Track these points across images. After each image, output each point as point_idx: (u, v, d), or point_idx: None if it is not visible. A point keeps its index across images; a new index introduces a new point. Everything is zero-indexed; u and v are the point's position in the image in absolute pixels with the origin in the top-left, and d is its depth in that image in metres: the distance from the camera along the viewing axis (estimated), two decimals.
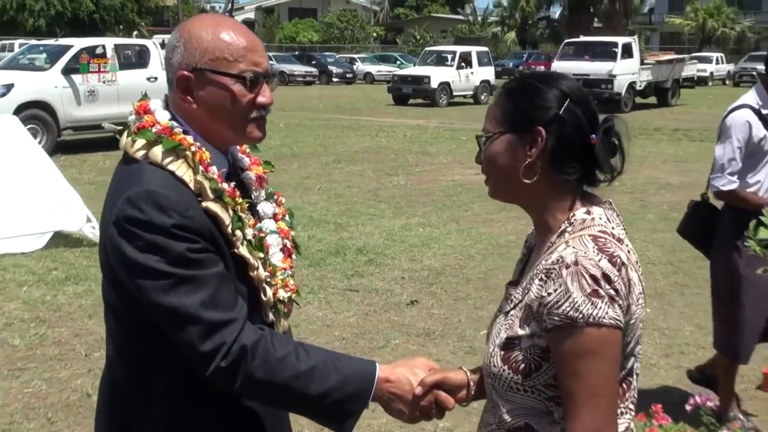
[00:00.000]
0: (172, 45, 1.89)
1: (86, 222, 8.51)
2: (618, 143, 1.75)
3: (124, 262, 1.77)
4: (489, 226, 9.62)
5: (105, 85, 16.13)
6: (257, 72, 1.87)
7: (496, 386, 1.75)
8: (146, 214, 1.73)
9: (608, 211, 1.75)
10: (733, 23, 61.84)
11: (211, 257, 1.79)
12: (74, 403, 4.88)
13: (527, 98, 1.73)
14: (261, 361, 1.75)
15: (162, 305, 1.74)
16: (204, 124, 1.90)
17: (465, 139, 18.72)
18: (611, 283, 1.59)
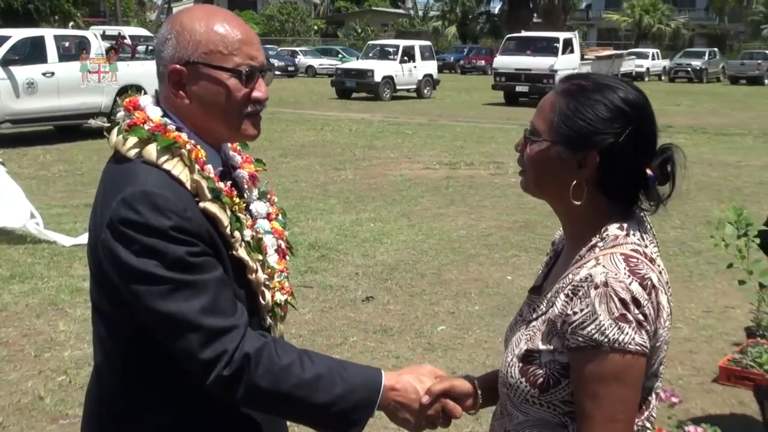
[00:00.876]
0: (163, 37, 1.79)
1: (30, 218, 8.28)
2: (671, 172, 1.69)
3: (119, 266, 1.68)
4: (440, 221, 9.62)
5: (45, 77, 15.72)
6: (253, 66, 1.78)
7: (512, 397, 1.70)
8: (143, 215, 1.65)
9: (642, 225, 1.69)
10: (668, 20, 63.09)
11: (210, 261, 1.71)
12: (26, 406, 4.72)
13: (586, 114, 1.63)
14: (265, 369, 1.68)
15: (160, 312, 1.66)
16: (197, 120, 1.81)
17: (410, 133, 18.76)
18: (640, 307, 1.54)
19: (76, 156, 14.50)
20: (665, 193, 1.70)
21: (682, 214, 9.71)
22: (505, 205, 10.59)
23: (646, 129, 1.67)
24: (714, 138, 18.61)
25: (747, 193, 11.46)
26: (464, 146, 16.65)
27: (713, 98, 32.95)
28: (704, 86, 43.81)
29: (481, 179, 12.71)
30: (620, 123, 1.62)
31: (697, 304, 6.68)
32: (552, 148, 1.66)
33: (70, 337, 5.75)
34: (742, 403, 4.84)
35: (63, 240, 8.16)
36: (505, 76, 28.90)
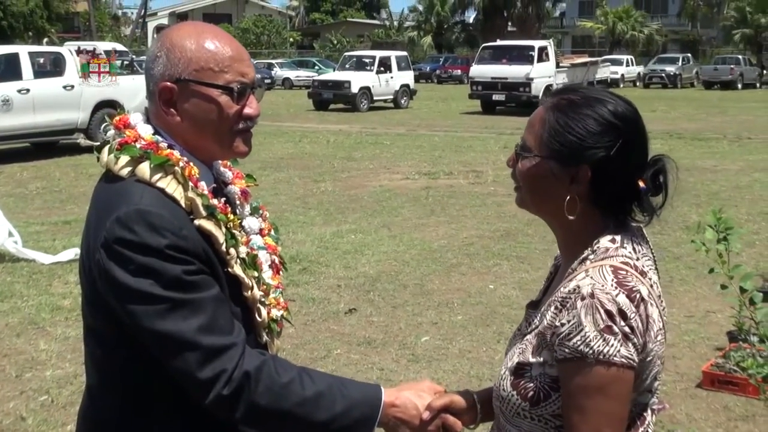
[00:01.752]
0: (153, 54, 1.79)
1: (8, 236, 8.20)
2: (663, 183, 1.69)
3: (114, 286, 1.66)
4: (421, 231, 9.63)
5: (20, 94, 15.61)
6: (244, 83, 1.78)
7: (504, 410, 1.69)
8: (138, 235, 1.63)
9: (636, 238, 1.69)
10: (641, 26, 63.57)
11: (206, 279, 1.70)
12: (8, 427, 4.67)
13: (577, 129, 1.63)
14: (265, 387, 1.67)
15: (157, 332, 1.64)
16: (188, 137, 1.80)
17: (388, 143, 18.77)
18: (627, 319, 1.53)
19: (54, 173, 14.40)
20: (658, 203, 1.69)
21: (661, 219, 9.57)
22: (485, 214, 10.62)
23: (637, 141, 1.67)
24: (690, 143, 18.75)
25: (724, 198, 11.55)
26: (443, 156, 16.68)
27: (688, 103, 33.23)
28: (679, 92, 44.17)
29: (460, 188, 12.74)
30: (611, 136, 1.62)
31: (679, 309, 6.71)
32: (544, 164, 1.66)
33: (52, 356, 5.69)
34: (726, 407, 4.86)
35: (42, 258, 8.09)
36: (481, 85, 29.02)
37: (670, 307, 6.64)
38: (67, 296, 7.04)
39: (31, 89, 15.79)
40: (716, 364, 5.21)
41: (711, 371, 5.15)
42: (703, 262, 3.02)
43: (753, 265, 7.52)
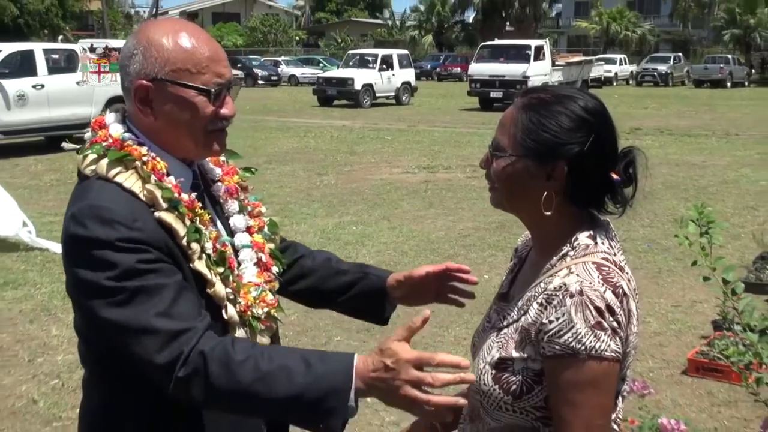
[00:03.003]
0: (129, 52, 1.71)
1: (22, 226, 8.21)
2: (633, 174, 1.67)
3: (74, 282, 1.63)
4: (419, 223, 9.62)
5: (35, 89, 15.61)
6: (221, 84, 1.72)
7: (485, 403, 1.67)
8: (89, 230, 1.59)
9: (608, 232, 1.68)
10: (634, 27, 63.41)
11: (166, 267, 1.63)
12: (20, 409, 4.68)
13: (551, 126, 1.61)
14: (220, 365, 1.55)
15: (115, 321, 1.58)
16: (163, 136, 1.74)
17: (390, 138, 18.76)
18: (614, 315, 1.53)
19: (67, 165, 14.38)
20: (629, 194, 1.68)
21: (651, 213, 9.76)
22: (482, 206, 10.60)
23: (608, 135, 1.65)
24: (680, 139, 18.72)
25: (712, 192, 11.53)
26: (442, 151, 16.66)
27: (679, 101, 33.15)
28: (670, 90, 44.06)
29: (458, 182, 12.73)
30: (583, 132, 1.61)
31: (666, 299, 6.71)
32: (519, 163, 1.64)
33: (63, 341, 5.70)
34: (710, 393, 4.87)
35: (55, 247, 8.09)
36: (479, 83, 28.96)
37: (658, 296, 6.68)
38: None
39: (45, 85, 15.82)
40: (701, 352, 5.22)
41: (696, 359, 5.16)
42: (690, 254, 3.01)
43: (738, 257, 7.52)
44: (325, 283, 2.10)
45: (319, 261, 2.14)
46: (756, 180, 12.76)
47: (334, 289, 2.09)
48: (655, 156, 14.67)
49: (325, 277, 2.11)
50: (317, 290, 2.10)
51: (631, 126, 20.01)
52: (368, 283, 2.08)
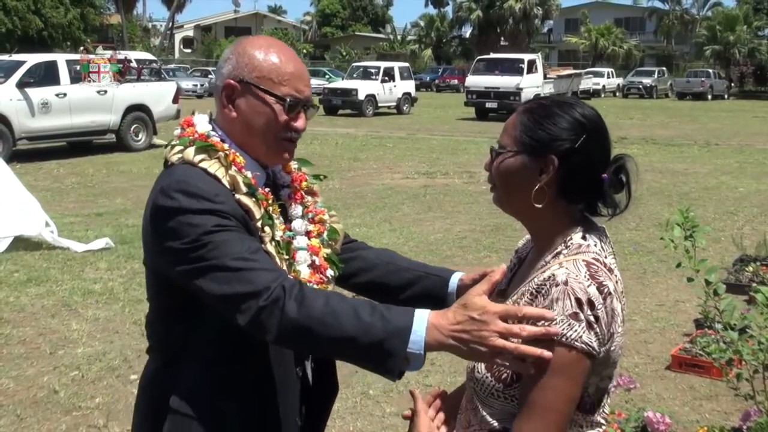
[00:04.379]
0: (226, 56, 1.85)
1: (45, 226, 8.19)
2: (626, 181, 1.67)
3: (160, 249, 1.71)
4: (419, 226, 9.60)
5: (58, 98, 15.61)
6: (297, 98, 1.81)
7: (478, 391, 1.66)
8: (176, 201, 1.67)
9: (602, 237, 1.67)
10: (621, 42, 63.51)
11: (245, 233, 1.70)
12: (42, 399, 4.66)
13: (547, 125, 1.63)
14: (295, 299, 1.58)
15: (204, 267, 1.64)
16: (240, 135, 1.83)
17: (391, 146, 18.74)
18: (593, 309, 1.51)
19: (87, 169, 14.38)
20: (621, 201, 1.67)
21: (636, 217, 9.73)
22: (478, 210, 10.59)
23: (600, 139, 1.65)
24: (663, 148, 18.70)
25: (694, 198, 11.51)
26: (440, 157, 16.64)
27: (662, 112, 33.14)
28: (654, 102, 44.04)
29: (455, 187, 12.70)
30: (576, 132, 1.62)
31: (651, 298, 6.69)
32: (516, 158, 1.65)
33: (83, 335, 5.69)
34: (692, 388, 4.84)
35: (75, 246, 8.09)
36: (476, 94, 28.96)
37: (643, 296, 6.66)
38: (97, 281, 7.03)
39: (68, 93, 15.81)
40: (684, 349, 5.20)
41: (679, 355, 5.14)
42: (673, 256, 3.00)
43: (719, 259, 7.50)
44: (386, 279, 2.08)
45: (382, 257, 2.14)
46: (735, 187, 12.74)
47: (395, 285, 2.06)
48: (641, 164, 14.41)
49: (387, 272, 2.09)
50: (378, 284, 2.08)
51: (617, 135, 19.98)
52: (430, 282, 2.06)
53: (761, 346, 3.12)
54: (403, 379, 1.67)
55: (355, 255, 2.11)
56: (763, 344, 3.12)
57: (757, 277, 6.49)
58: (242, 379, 1.80)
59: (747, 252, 7.62)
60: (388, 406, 4.50)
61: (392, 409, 4.47)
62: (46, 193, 11.26)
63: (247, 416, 1.81)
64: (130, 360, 5.22)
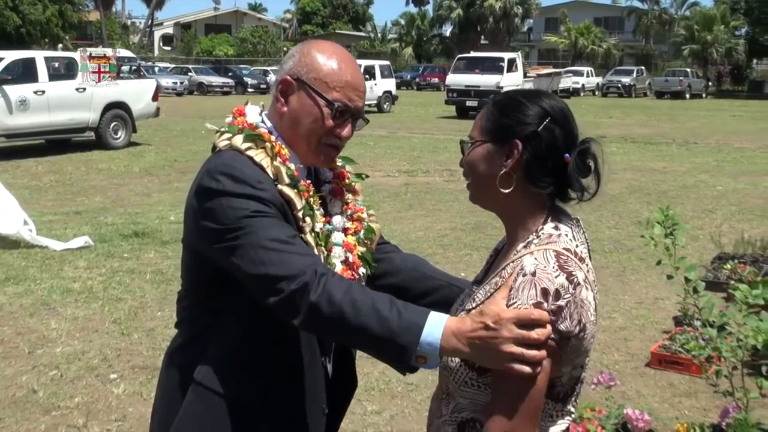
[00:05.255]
0: (291, 53, 1.91)
1: (23, 225, 8.11)
2: (594, 165, 1.67)
3: (199, 228, 1.76)
4: (400, 224, 9.60)
5: (36, 95, 15.46)
6: (347, 106, 1.85)
7: (451, 380, 1.67)
8: (222, 183, 1.72)
9: (575, 228, 1.68)
10: (600, 41, 63.88)
11: (283, 221, 1.75)
12: (20, 399, 4.61)
13: (511, 112, 1.65)
14: (323, 286, 1.62)
15: (242, 249, 1.68)
16: (287, 130, 1.88)
17: (372, 144, 18.73)
18: (558, 299, 1.52)
19: (66, 167, 14.26)
20: (591, 186, 1.67)
21: (616, 215, 9.79)
22: (458, 209, 10.61)
23: (566, 124, 1.66)
24: (642, 147, 18.82)
25: (672, 196, 11.59)
26: (421, 156, 16.66)
27: (641, 111, 33.36)
28: (633, 100, 44.34)
29: (436, 185, 12.72)
30: (540, 116, 1.63)
31: (630, 296, 6.73)
32: (483, 147, 1.68)
33: (62, 334, 5.64)
34: (671, 384, 4.87)
35: (54, 245, 8.01)
36: (456, 92, 29.01)
37: (623, 294, 6.70)
38: (76, 280, 6.97)
39: (46, 91, 15.64)
40: (663, 346, 5.23)
41: (659, 352, 5.17)
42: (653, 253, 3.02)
43: (697, 257, 7.56)
44: (409, 284, 2.10)
45: (408, 263, 2.16)
46: (713, 185, 12.85)
47: (417, 292, 2.07)
48: (620, 162, 14.73)
49: (411, 278, 2.11)
50: (401, 289, 2.08)
51: (597, 134, 19.54)
52: (451, 293, 2.05)
53: (740, 343, 3.14)
54: (384, 377, 1.66)
55: (384, 257, 2.12)
56: (741, 341, 3.14)
57: (735, 275, 6.53)
58: (267, 360, 1.84)
59: (725, 250, 7.69)
60: (369, 405, 4.49)
61: (373, 407, 4.46)
62: (24, 191, 11.15)
63: (269, 397, 1.85)
64: (110, 359, 5.18)
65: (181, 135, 20.04)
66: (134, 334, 5.67)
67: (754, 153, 17.74)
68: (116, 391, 4.71)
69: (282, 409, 1.87)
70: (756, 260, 7.16)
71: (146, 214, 9.95)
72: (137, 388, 4.73)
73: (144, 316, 6.05)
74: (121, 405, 4.53)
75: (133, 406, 4.51)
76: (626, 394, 4.70)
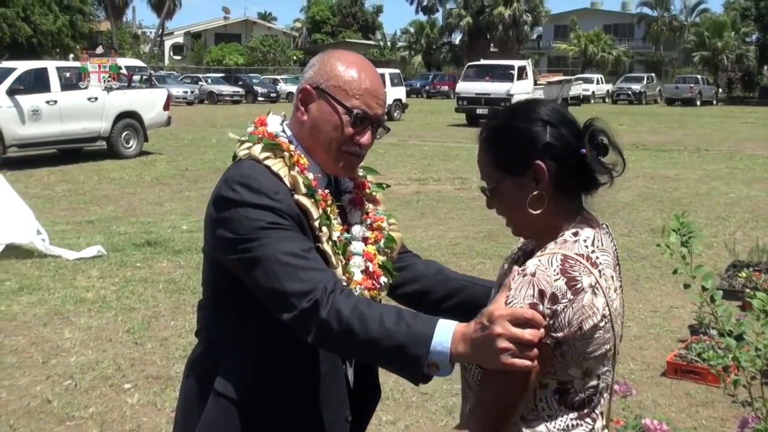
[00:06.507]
0: (311, 63, 1.92)
1: (36, 234, 8.14)
2: (608, 141, 1.65)
3: (221, 232, 1.76)
4: (412, 232, 9.58)
5: (48, 105, 15.54)
6: (366, 113, 1.86)
7: (467, 379, 1.68)
8: (239, 193, 1.74)
9: (601, 233, 1.66)
10: (610, 48, 63.79)
11: (299, 232, 1.76)
12: (35, 409, 4.62)
13: (514, 141, 1.63)
14: (331, 303, 1.62)
15: (256, 261, 1.69)
16: (307, 139, 1.89)
17: (382, 152, 18.72)
18: (555, 303, 1.51)
19: (78, 177, 14.32)
20: (615, 162, 1.65)
21: (629, 223, 9.76)
22: (470, 216, 10.59)
23: (566, 120, 1.65)
24: (654, 154, 18.76)
25: (685, 204, 11.53)
26: (431, 164, 16.65)
27: (652, 118, 33.27)
28: (644, 107, 44.23)
29: (447, 194, 12.70)
30: (539, 126, 1.62)
31: (645, 304, 6.69)
32: (506, 183, 1.65)
33: (75, 344, 5.65)
34: (688, 394, 4.84)
35: (67, 254, 8.04)
36: (466, 100, 29.00)
37: (637, 302, 6.67)
38: (90, 289, 6.99)
39: (58, 100, 15.73)
40: (679, 355, 5.20)
41: (674, 361, 5.13)
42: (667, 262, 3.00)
43: (711, 265, 7.51)
44: (434, 288, 2.10)
45: (431, 268, 2.17)
46: (726, 192, 12.79)
47: (441, 295, 2.08)
48: (631, 169, 14.66)
49: (434, 282, 2.11)
50: (426, 293, 2.10)
51: None
52: (474, 292, 2.06)
53: (758, 352, 3.11)
54: (398, 387, 1.68)
55: (407, 265, 2.12)
56: (760, 351, 3.11)
57: (751, 283, 6.50)
58: (287, 370, 1.85)
59: (739, 258, 7.64)
60: (384, 415, 4.48)
61: (388, 417, 4.45)
62: (36, 201, 11.19)
63: (290, 406, 1.85)
64: (124, 369, 5.19)
65: (192, 144, 20.10)
66: (148, 343, 5.67)
67: (767, 160, 17.65)
68: (130, 401, 4.71)
69: (303, 418, 1.86)
70: None
71: (158, 223, 9.98)
72: (151, 398, 4.73)
73: (157, 326, 6.06)
74: (135, 415, 4.53)
75: (147, 416, 4.51)
76: (642, 403, 4.67)
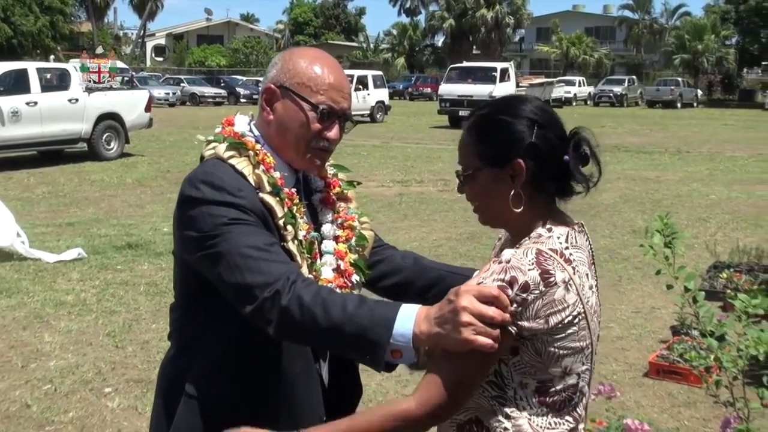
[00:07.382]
0: (273, 62, 1.92)
1: (16, 237, 8.06)
2: (590, 152, 1.66)
3: (186, 232, 1.76)
4: (395, 234, 9.57)
5: (28, 106, 15.40)
6: (332, 108, 1.84)
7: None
8: (202, 192, 1.74)
9: (575, 232, 1.66)
10: (592, 51, 64.20)
11: (263, 228, 1.74)
12: (14, 414, 4.56)
13: (500, 135, 1.63)
14: (292, 292, 1.60)
15: (218, 255, 1.68)
16: (275, 138, 1.88)
17: (365, 154, 18.73)
18: (525, 292, 1.50)
19: (58, 179, 14.20)
20: (592, 173, 1.66)
21: (611, 224, 9.80)
22: (453, 218, 10.60)
23: (551, 122, 1.65)
24: (635, 156, 18.86)
25: (666, 205, 11.59)
26: (414, 166, 16.65)
27: (633, 120, 33.47)
28: (625, 110, 44.48)
29: (430, 195, 12.70)
30: (527, 125, 1.62)
31: (627, 305, 6.72)
32: (484, 174, 1.65)
33: (55, 347, 5.59)
34: (670, 395, 4.85)
35: (47, 257, 7.96)
36: (449, 102, 29.06)
37: (619, 303, 6.68)
38: (70, 292, 6.92)
39: (38, 102, 15.59)
40: (661, 356, 5.21)
41: (657, 362, 5.15)
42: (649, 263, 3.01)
43: (693, 266, 7.54)
44: (413, 279, 2.10)
45: (407, 259, 2.16)
46: (706, 194, 12.87)
47: (421, 285, 2.08)
48: (613, 171, 14.72)
49: (413, 273, 2.11)
50: (405, 284, 2.09)
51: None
52: (455, 281, 2.01)
53: (740, 353, 3.12)
54: (381, 389, 1.64)
55: (383, 258, 2.12)
56: (741, 351, 3.12)
57: (732, 284, 6.53)
58: (257, 370, 1.83)
59: (720, 259, 7.69)
60: None
61: None
62: (16, 203, 11.07)
63: (263, 407, 1.83)
64: (104, 372, 5.14)
65: (173, 146, 19.99)
66: (129, 347, 5.62)
67: (747, 161, 17.80)
68: (111, 405, 4.66)
69: (276, 418, 1.82)
70: (751, 269, 7.16)
71: (139, 226, 9.91)
72: (132, 402, 4.69)
73: (138, 329, 6.01)
74: (115, 419, 4.48)
75: (128, 420, 4.46)
76: (625, 404, 4.67)
